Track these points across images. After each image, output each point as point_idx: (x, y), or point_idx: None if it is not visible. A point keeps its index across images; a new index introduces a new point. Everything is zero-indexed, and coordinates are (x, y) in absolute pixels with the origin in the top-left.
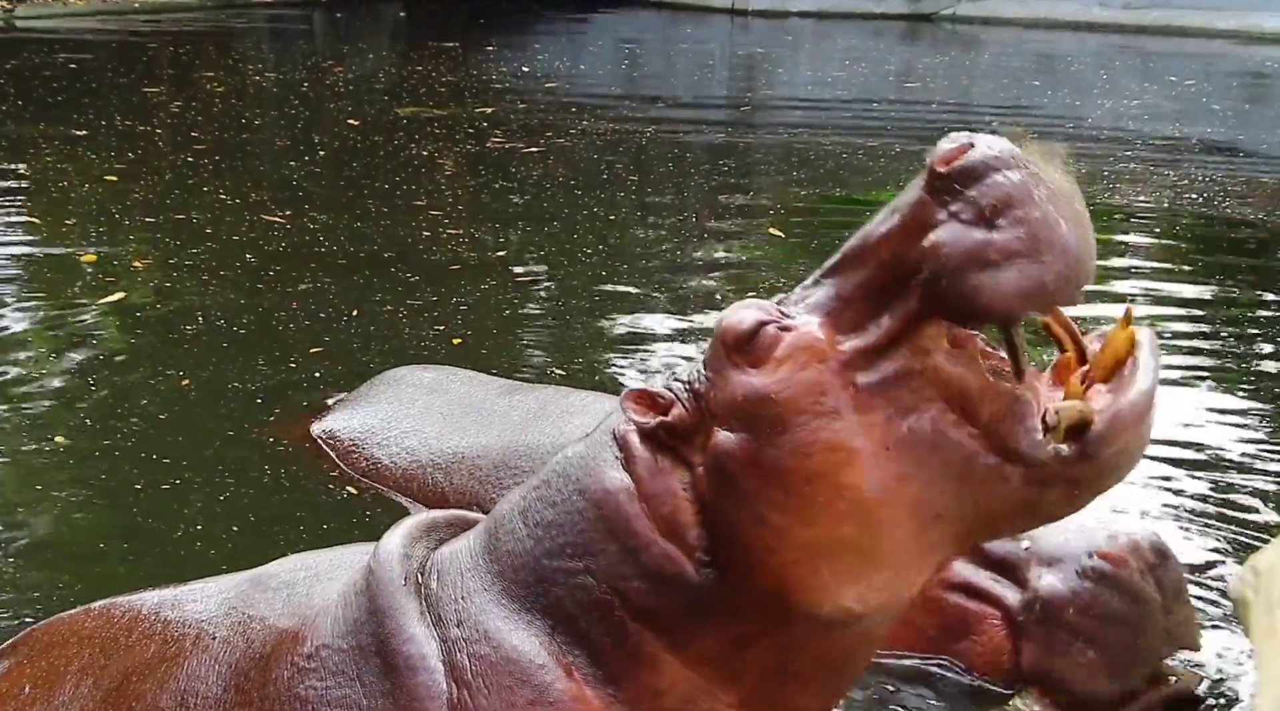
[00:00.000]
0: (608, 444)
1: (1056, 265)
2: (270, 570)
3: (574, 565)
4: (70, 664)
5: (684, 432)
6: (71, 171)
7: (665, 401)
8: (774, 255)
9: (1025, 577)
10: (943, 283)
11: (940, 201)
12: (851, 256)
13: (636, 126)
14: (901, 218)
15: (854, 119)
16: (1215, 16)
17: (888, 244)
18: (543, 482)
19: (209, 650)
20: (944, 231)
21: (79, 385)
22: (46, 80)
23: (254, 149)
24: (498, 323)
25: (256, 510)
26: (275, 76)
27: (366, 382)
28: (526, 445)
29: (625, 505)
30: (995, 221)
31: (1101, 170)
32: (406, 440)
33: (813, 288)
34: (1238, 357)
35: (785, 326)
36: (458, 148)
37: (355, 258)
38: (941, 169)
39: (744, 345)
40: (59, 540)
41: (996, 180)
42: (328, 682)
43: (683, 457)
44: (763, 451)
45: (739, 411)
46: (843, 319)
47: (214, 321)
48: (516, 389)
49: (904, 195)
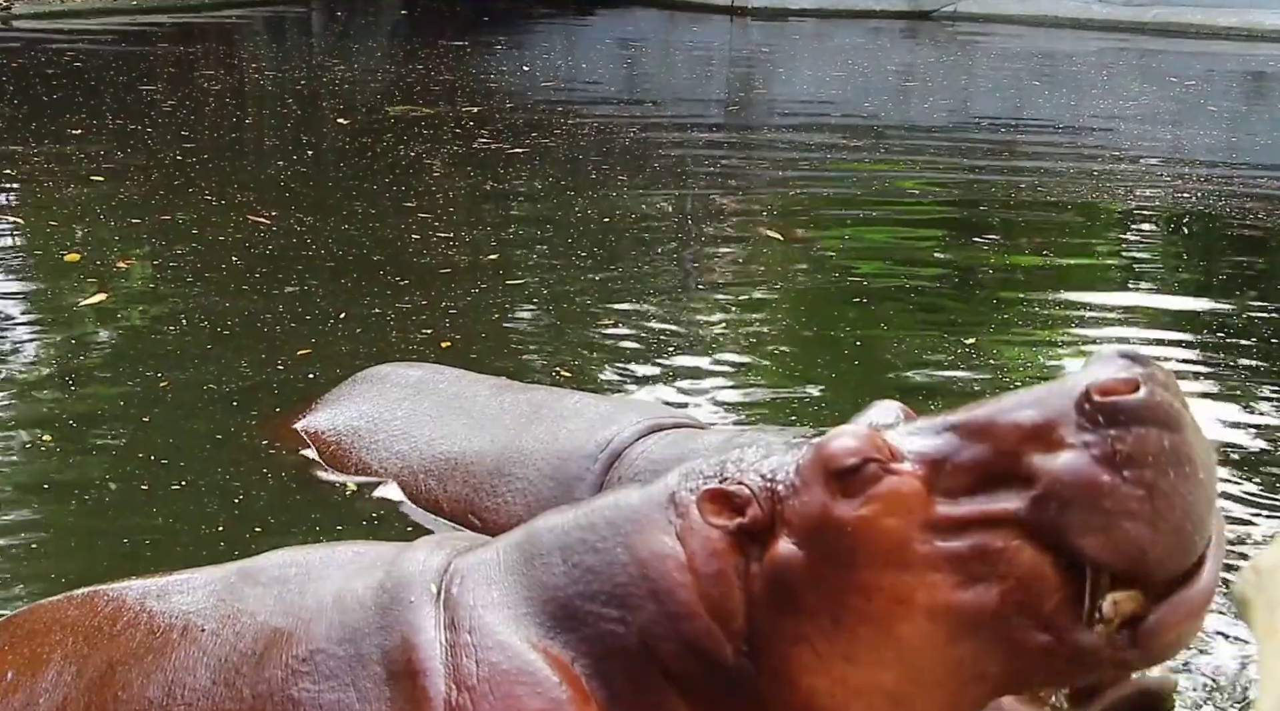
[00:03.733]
0: (664, 506)
1: (1165, 542)
2: (259, 563)
3: (608, 612)
4: (53, 651)
5: (754, 532)
6: (58, 171)
7: (741, 500)
8: (772, 257)
9: None
10: (1051, 508)
11: (1081, 425)
12: (978, 428)
13: (633, 126)
14: (1041, 418)
15: (853, 118)
16: (1216, 14)
17: (1018, 436)
18: (588, 525)
19: (198, 642)
20: (1072, 458)
21: (61, 384)
22: (42, 79)
23: (243, 148)
24: (488, 326)
25: (242, 509)
26: (274, 75)
27: (348, 380)
28: (521, 450)
29: (673, 573)
30: (1124, 471)
31: (1101, 170)
32: (396, 444)
33: (927, 434)
34: (1237, 359)
35: (889, 469)
36: (444, 148)
37: (343, 260)
38: (1097, 398)
39: (845, 475)
40: (41, 538)
41: (1142, 434)
42: (321, 686)
43: (741, 545)
44: (826, 577)
45: (815, 532)
46: (945, 480)
47: (198, 323)
48: (507, 388)
49: (1054, 393)
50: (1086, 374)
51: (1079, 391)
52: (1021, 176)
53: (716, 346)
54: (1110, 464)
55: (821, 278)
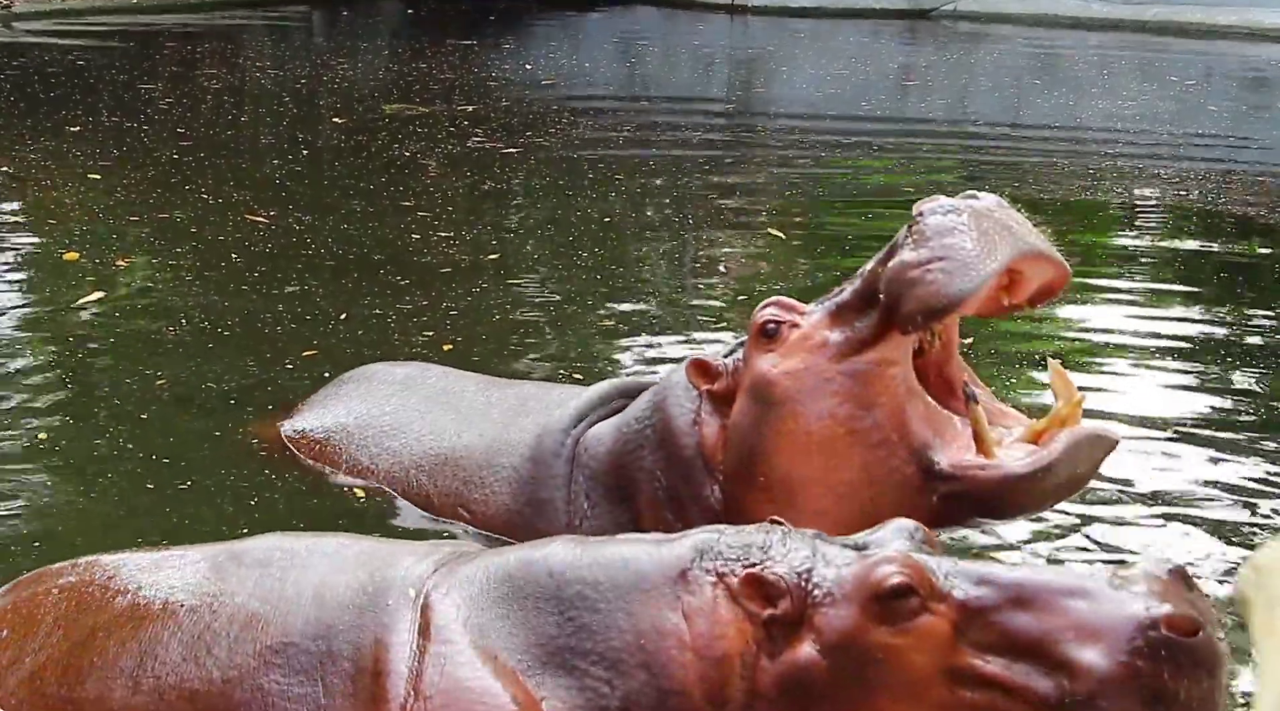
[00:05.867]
0: (674, 580)
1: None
2: (248, 546)
3: (596, 671)
4: (47, 614)
5: (780, 627)
6: (57, 169)
7: (776, 592)
8: (774, 256)
9: None
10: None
11: (1137, 647)
12: (1026, 597)
13: (633, 124)
14: (1097, 619)
15: (853, 117)
16: (1216, 12)
17: (1065, 624)
18: (592, 581)
19: (175, 617)
20: (1119, 674)
21: (58, 382)
22: (41, 78)
23: (239, 147)
24: (490, 327)
25: (235, 506)
26: (274, 73)
27: (335, 380)
28: (509, 443)
29: (672, 650)
30: (1163, 706)
31: (1100, 170)
32: (386, 441)
33: (972, 581)
34: (1236, 357)
35: (928, 606)
36: (439, 147)
37: (343, 259)
38: (1164, 632)
39: (886, 602)
40: (37, 533)
41: (1192, 680)
42: (291, 680)
43: (758, 636)
44: (843, 692)
45: (844, 648)
46: (978, 632)
47: (199, 322)
48: (493, 384)
49: (1114, 602)
50: (1149, 593)
51: (1144, 615)
52: (1021, 175)
53: (718, 346)
54: (1156, 698)
55: (822, 276)
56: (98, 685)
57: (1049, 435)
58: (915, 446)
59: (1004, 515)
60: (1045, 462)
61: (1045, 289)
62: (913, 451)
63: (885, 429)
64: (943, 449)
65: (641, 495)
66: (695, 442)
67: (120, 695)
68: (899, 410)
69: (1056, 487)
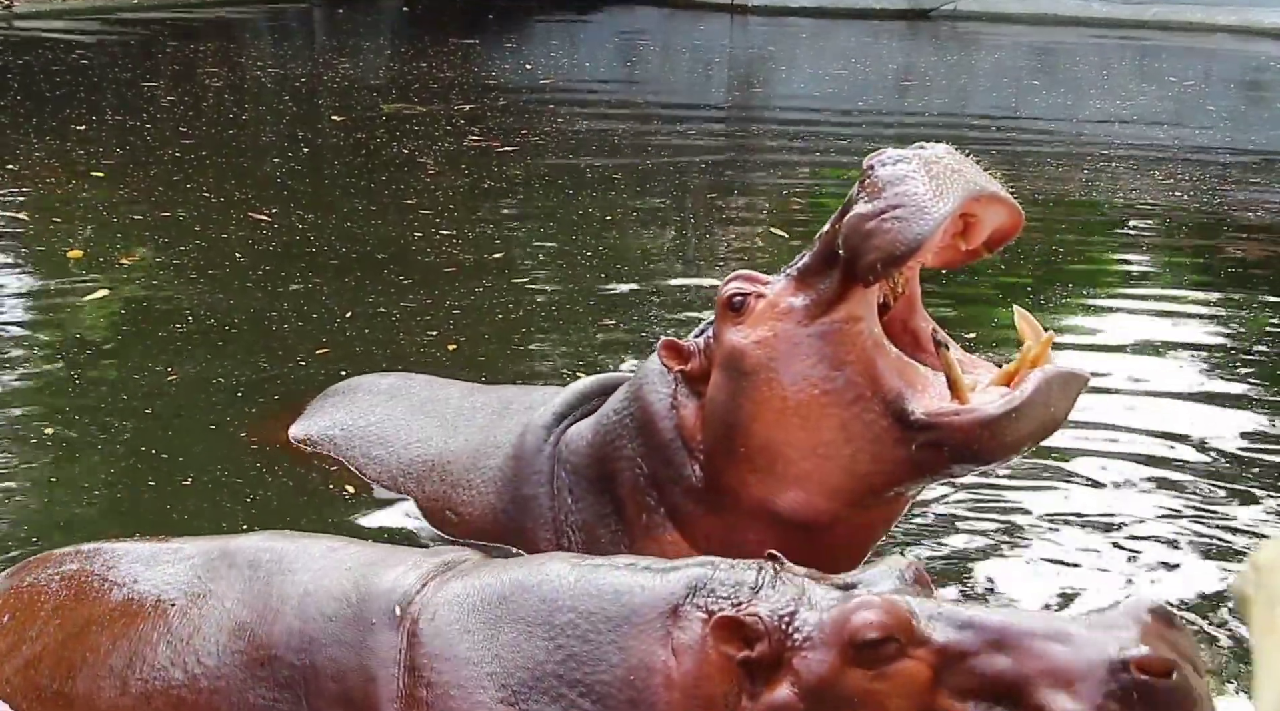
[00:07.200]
0: (665, 615)
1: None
2: (240, 544)
3: (583, 702)
4: (47, 601)
5: (758, 668)
6: (60, 167)
7: (753, 634)
8: (776, 254)
9: None
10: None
11: (1110, 691)
12: (1004, 641)
13: (633, 123)
14: (1069, 662)
15: (852, 116)
16: (1215, 11)
17: (1040, 667)
18: (584, 612)
19: (165, 617)
20: None
21: (65, 379)
22: (44, 76)
23: (240, 145)
24: (494, 326)
25: (237, 504)
26: (273, 72)
27: (320, 394)
28: (493, 443)
29: (659, 687)
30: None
31: (1099, 170)
32: (373, 450)
33: (952, 625)
34: (1235, 357)
35: (906, 652)
36: (436, 146)
37: (346, 257)
38: (1134, 674)
39: (865, 647)
40: (38, 528)
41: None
42: (276, 695)
43: (738, 676)
44: None
45: (820, 692)
46: (956, 677)
47: (204, 320)
48: (476, 389)
49: (1089, 644)
50: (1124, 635)
51: (1115, 657)
52: (1020, 174)
53: None
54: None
55: None
56: (88, 682)
57: (1021, 376)
58: (889, 399)
59: (984, 460)
60: (1018, 402)
61: (1000, 233)
62: (887, 404)
63: (858, 385)
64: (916, 398)
65: (623, 483)
66: (674, 424)
67: (109, 695)
68: (870, 364)
69: (1032, 428)
